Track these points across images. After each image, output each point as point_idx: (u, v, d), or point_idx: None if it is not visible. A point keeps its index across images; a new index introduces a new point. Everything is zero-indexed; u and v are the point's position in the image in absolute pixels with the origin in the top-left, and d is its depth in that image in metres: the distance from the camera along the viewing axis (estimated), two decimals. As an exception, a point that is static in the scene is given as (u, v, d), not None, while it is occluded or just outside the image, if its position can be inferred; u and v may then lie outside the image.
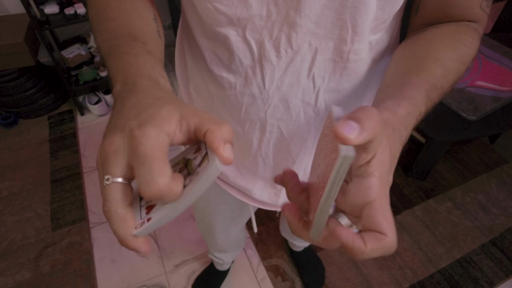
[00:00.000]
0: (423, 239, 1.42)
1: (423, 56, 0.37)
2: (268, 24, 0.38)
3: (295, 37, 0.38)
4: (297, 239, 1.18)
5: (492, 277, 1.31)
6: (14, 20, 1.76)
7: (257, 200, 0.60)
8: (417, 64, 0.36)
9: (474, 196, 1.56)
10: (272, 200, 0.60)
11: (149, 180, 0.22)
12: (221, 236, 0.91)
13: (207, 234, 0.94)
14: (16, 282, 1.32)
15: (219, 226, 0.85)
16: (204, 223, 0.87)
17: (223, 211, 0.78)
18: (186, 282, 1.32)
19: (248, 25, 0.38)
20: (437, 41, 0.38)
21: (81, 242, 1.43)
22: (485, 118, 1.29)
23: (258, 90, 0.44)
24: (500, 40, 1.60)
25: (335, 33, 0.38)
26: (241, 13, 0.37)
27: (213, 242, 0.98)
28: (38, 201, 1.58)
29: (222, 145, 0.24)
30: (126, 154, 0.24)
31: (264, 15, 0.37)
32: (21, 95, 1.82)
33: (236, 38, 0.40)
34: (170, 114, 0.25)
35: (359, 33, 0.38)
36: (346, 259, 1.37)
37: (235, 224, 0.87)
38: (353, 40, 0.39)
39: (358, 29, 0.37)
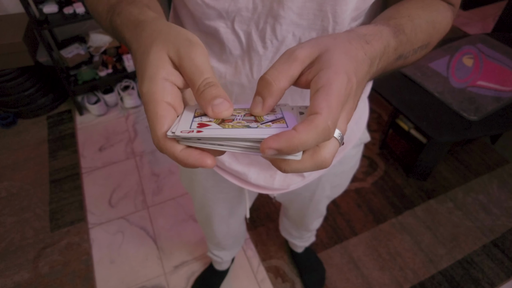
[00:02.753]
0: (424, 239, 1.41)
1: (392, 12, 0.38)
2: (255, 16, 0.40)
3: (279, 29, 0.40)
4: (297, 239, 1.17)
5: (493, 278, 1.30)
6: (13, 20, 1.76)
7: (253, 184, 0.62)
8: (387, 16, 0.37)
9: (475, 196, 1.56)
10: (268, 183, 0.60)
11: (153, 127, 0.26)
12: (220, 228, 0.91)
13: (206, 226, 0.94)
14: (15, 283, 1.31)
15: (218, 217, 0.85)
16: (202, 214, 0.87)
17: (221, 200, 0.78)
18: (185, 283, 1.31)
19: (236, 17, 0.40)
20: (408, 3, 0.39)
21: (80, 242, 1.43)
22: (486, 118, 1.28)
23: (247, 80, 0.46)
24: (501, 39, 1.59)
25: (317, 23, 0.40)
26: (229, 6, 0.39)
27: (212, 235, 0.98)
28: (37, 202, 1.57)
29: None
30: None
31: (250, 8, 0.39)
32: (20, 94, 1.81)
33: (226, 30, 0.42)
34: (158, 61, 0.27)
35: (340, 23, 0.40)
36: (346, 260, 1.36)
37: (233, 215, 0.87)
38: (335, 30, 0.41)
39: (339, 19, 0.39)
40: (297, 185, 0.63)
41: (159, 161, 1.73)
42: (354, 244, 1.41)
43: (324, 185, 0.74)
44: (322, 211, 0.90)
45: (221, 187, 0.73)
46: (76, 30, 2.02)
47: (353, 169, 0.75)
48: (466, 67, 1.45)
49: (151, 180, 1.65)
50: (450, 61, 1.49)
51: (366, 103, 0.64)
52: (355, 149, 0.68)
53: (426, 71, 1.45)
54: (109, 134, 1.87)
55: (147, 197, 1.59)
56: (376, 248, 1.39)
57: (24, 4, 1.47)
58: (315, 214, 0.90)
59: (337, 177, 0.73)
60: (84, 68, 1.87)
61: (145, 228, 1.47)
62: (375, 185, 1.60)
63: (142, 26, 0.31)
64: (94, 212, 1.54)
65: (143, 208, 1.55)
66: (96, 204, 1.57)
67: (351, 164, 0.72)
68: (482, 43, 1.56)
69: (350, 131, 0.61)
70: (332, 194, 0.81)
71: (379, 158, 1.71)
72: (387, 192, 1.58)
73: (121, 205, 1.56)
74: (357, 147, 0.69)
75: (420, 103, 1.35)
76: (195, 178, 0.74)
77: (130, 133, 1.87)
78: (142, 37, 0.29)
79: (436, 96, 1.36)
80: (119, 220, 1.51)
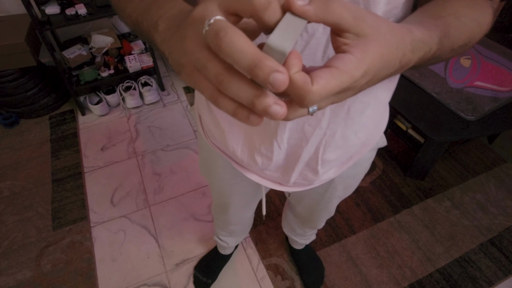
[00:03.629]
0: (422, 238, 1.43)
1: (439, 9, 0.37)
2: None
3: None
4: (299, 236, 1.18)
5: (490, 277, 1.32)
6: (15, 21, 1.77)
7: (270, 179, 0.63)
8: (434, 13, 0.36)
9: (473, 195, 1.57)
10: (285, 179, 0.61)
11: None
12: (233, 218, 0.95)
13: (220, 214, 0.97)
14: (17, 281, 1.33)
15: (233, 208, 0.88)
16: (219, 203, 0.90)
17: (238, 193, 0.80)
18: (186, 281, 1.32)
19: None
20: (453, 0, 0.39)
21: (82, 241, 1.44)
22: (483, 118, 1.30)
23: None
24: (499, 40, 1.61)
25: None
26: None
27: (223, 222, 1.01)
28: (39, 201, 1.59)
29: None
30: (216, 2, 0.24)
31: None
32: (22, 95, 1.83)
33: None
34: None
35: None
36: (345, 258, 1.38)
37: (248, 207, 0.90)
38: None
39: (371, 10, 0.38)
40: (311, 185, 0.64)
41: (160, 160, 1.74)
42: (353, 243, 1.42)
43: (336, 186, 0.74)
44: (332, 210, 0.91)
45: (238, 180, 0.74)
46: (78, 31, 2.03)
47: (365, 171, 0.75)
48: (463, 67, 1.47)
49: (152, 179, 1.67)
50: (448, 61, 1.50)
51: (387, 108, 0.63)
52: (370, 153, 0.68)
53: (424, 72, 1.46)
54: (111, 134, 1.89)
55: (148, 196, 1.60)
56: (374, 247, 1.41)
57: (26, 5, 1.48)
58: (324, 212, 0.90)
59: (350, 178, 0.74)
60: (86, 68, 1.88)
61: (146, 227, 1.49)
62: (374, 184, 1.62)
63: None
64: (96, 210, 1.55)
65: (145, 207, 1.56)
66: (98, 203, 1.58)
67: (364, 166, 0.72)
68: (479, 44, 1.57)
69: (369, 135, 0.60)
70: (343, 195, 0.81)
71: (377, 158, 1.73)
72: (385, 191, 1.60)
73: (123, 204, 1.57)
74: (373, 150, 0.69)
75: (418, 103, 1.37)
76: (214, 171, 0.76)
77: (132, 133, 1.89)
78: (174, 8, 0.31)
79: (434, 97, 1.37)
80: (121, 218, 1.52)
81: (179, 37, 0.26)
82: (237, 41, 0.21)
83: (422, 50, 0.31)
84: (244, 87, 0.23)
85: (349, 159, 0.63)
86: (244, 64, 0.21)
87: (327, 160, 0.57)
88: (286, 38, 0.22)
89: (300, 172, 0.60)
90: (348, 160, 0.64)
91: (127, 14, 0.39)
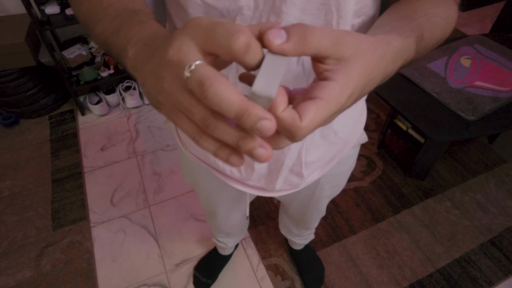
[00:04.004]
0: (422, 238, 1.43)
1: (410, 10, 0.38)
2: (256, 14, 0.39)
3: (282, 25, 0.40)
4: (296, 237, 1.19)
5: (491, 277, 1.32)
6: (15, 21, 1.77)
7: (254, 186, 0.63)
8: (406, 15, 0.37)
9: (473, 195, 1.57)
10: (269, 187, 0.62)
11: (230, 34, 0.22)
12: (223, 221, 0.95)
13: (211, 219, 0.98)
14: (17, 281, 1.33)
15: (222, 213, 0.89)
16: (207, 209, 0.91)
17: (224, 200, 0.81)
18: (186, 281, 1.32)
19: (237, 16, 0.39)
20: (421, 0, 0.39)
21: (82, 241, 1.44)
22: (484, 118, 1.30)
23: None
24: (499, 40, 1.61)
25: (321, 18, 0.39)
26: (230, 5, 0.38)
27: (216, 227, 1.03)
28: (39, 201, 1.58)
29: None
30: (191, 46, 0.23)
31: (251, 6, 0.38)
32: (22, 95, 1.83)
33: None
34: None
35: (343, 16, 0.39)
36: (345, 258, 1.38)
37: (236, 210, 0.90)
38: (338, 24, 0.40)
39: (342, 12, 0.39)
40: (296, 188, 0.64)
41: (160, 160, 1.74)
42: (353, 243, 1.42)
43: (323, 185, 0.75)
44: (322, 210, 0.92)
45: (224, 188, 0.74)
46: (78, 31, 2.03)
47: (350, 169, 0.77)
48: (464, 67, 1.47)
49: (152, 179, 1.67)
50: (448, 61, 1.50)
51: (364, 105, 0.64)
52: (353, 150, 0.70)
53: (424, 72, 1.46)
54: (111, 134, 1.89)
55: (148, 196, 1.60)
56: (374, 247, 1.41)
57: (26, 5, 1.48)
58: (315, 213, 0.91)
59: (336, 177, 0.75)
60: (86, 68, 1.88)
61: (146, 227, 1.49)
62: (374, 185, 1.62)
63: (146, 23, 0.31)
64: (96, 211, 1.55)
65: (145, 207, 1.56)
66: (98, 203, 1.58)
67: (349, 164, 0.74)
68: (480, 44, 1.57)
69: (349, 133, 0.62)
70: (332, 194, 0.82)
71: (378, 158, 1.73)
72: (386, 191, 1.59)
73: (122, 204, 1.57)
74: (355, 147, 0.70)
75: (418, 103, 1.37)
76: (199, 181, 0.76)
77: (131, 133, 1.89)
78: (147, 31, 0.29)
79: (434, 96, 1.37)
80: (121, 218, 1.52)
81: (154, 74, 0.25)
82: (222, 91, 0.21)
83: (402, 59, 0.32)
84: (230, 130, 0.23)
85: (332, 158, 0.64)
86: (231, 114, 0.21)
87: (310, 162, 0.58)
88: (270, 82, 0.22)
89: (285, 179, 0.60)
90: (332, 160, 0.64)
91: (96, 34, 0.37)
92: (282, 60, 0.23)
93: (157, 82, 0.25)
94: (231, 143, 0.23)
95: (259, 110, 0.21)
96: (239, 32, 0.22)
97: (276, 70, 0.23)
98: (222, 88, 0.21)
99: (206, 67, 0.22)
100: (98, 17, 0.37)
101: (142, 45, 0.29)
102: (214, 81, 0.21)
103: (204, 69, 0.22)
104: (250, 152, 0.23)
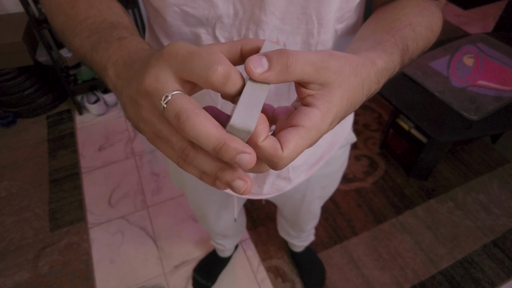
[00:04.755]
0: (425, 239, 1.41)
1: (394, 19, 0.37)
2: (236, 22, 0.39)
3: (262, 34, 0.39)
4: (295, 239, 1.18)
5: (493, 278, 1.30)
6: (13, 19, 1.75)
7: None
8: (390, 25, 0.37)
9: (476, 196, 1.55)
10: (256, 191, 0.62)
11: (208, 65, 0.21)
12: (216, 224, 0.95)
13: (203, 223, 0.98)
14: (15, 283, 1.31)
15: (213, 215, 0.88)
16: (198, 213, 0.91)
17: (213, 202, 0.81)
18: (185, 283, 1.31)
19: (217, 24, 0.39)
20: (406, 8, 0.39)
21: (79, 242, 1.43)
22: (486, 118, 1.28)
23: None
24: (502, 39, 1.59)
25: (301, 27, 0.39)
26: (208, 13, 0.38)
27: (210, 229, 1.02)
28: (36, 201, 1.57)
29: None
30: (169, 75, 0.23)
31: (231, 14, 0.38)
32: (19, 94, 1.81)
33: (206, 36, 0.41)
34: None
35: (325, 25, 0.39)
36: (347, 260, 1.36)
37: (226, 212, 0.90)
38: (320, 32, 0.40)
39: (323, 21, 0.38)
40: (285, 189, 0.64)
41: (158, 160, 1.72)
42: (354, 244, 1.41)
43: (313, 187, 0.75)
44: (316, 212, 0.91)
45: (211, 191, 0.74)
46: (76, 29, 2.01)
47: (341, 169, 0.76)
48: (466, 66, 1.45)
49: (150, 179, 1.65)
50: (451, 60, 1.48)
51: None
52: (341, 150, 0.69)
53: (427, 71, 1.45)
54: (109, 133, 1.87)
55: (146, 197, 1.58)
56: (376, 248, 1.39)
57: (24, 4, 1.46)
58: (308, 215, 0.91)
59: (326, 177, 0.74)
60: (83, 67, 1.86)
61: (144, 228, 1.47)
62: (376, 185, 1.60)
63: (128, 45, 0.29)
64: (93, 211, 1.53)
65: (143, 208, 1.54)
66: (95, 203, 1.56)
67: (338, 164, 0.73)
68: (482, 43, 1.56)
69: (335, 133, 0.61)
70: (323, 195, 0.82)
71: (380, 158, 1.71)
72: (388, 192, 1.58)
73: (120, 205, 1.56)
74: (343, 147, 0.70)
75: (421, 103, 1.35)
76: (186, 183, 0.76)
77: (129, 132, 1.87)
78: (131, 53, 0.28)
79: (437, 96, 1.35)
80: (119, 220, 1.50)
81: (133, 101, 0.25)
82: (199, 125, 0.21)
83: (386, 76, 0.32)
84: (208, 160, 0.23)
85: (319, 159, 0.64)
86: (209, 147, 0.21)
87: (297, 166, 0.58)
88: (249, 115, 0.22)
89: (272, 184, 0.60)
90: (318, 161, 0.64)
91: (74, 48, 0.36)
92: (263, 89, 0.23)
93: (136, 110, 0.25)
94: (210, 173, 0.23)
95: (237, 144, 0.21)
96: (217, 64, 0.21)
97: (256, 100, 0.23)
98: (199, 122, 0.21)
99: (182, 98, 0.22)
100: (75, 30, 0.35)
101: (122, 65, 0.28)
102: (190, 114, 0.21)
103: (181, 100, 0.21)
104: (229, 184, 0.23)
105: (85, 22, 0.35)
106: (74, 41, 0.35)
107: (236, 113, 0.22)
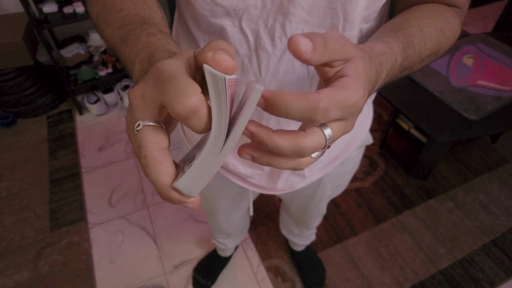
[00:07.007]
0: (424, 239, 1.41)
1: (402, 21, 0.38)
2: (263, 13, 0.39)
3: (289, 26, 0.39)
4: (297, 237, 1.18)
5: (493, 278, 1.30)
6: (13, 19, 1.75)
7: (256, 184, 0.63)
8: (396, 26, 0.38)
9: (476, 196, 1.55)
10: (270, 186, 0.62)
11: (178, 95, 0.21)
12: (224, 220, 0.95)
13: (211, 218, 0.97)
14: (15, 283, 1.31)
15: (222, 211, 0.88)
16: (207, 207, 0.90)
17: (225, 197, 0.80)
18: (185, 283, 1.31)
19: (244, 15, 0.39)
20: (416, 11, 0.40)
21: (80, 242, 1.43)
22: (486, 118, 1.28)
23: (254, 78, 0.45)
24: (502, 39, 1.59)
25: (327, 21, 0.39)
26: (237, 4, 0.38)
27: (216, 226, 1.02)
28: (36, 201, 1.57)
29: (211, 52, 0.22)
30: (153, 94, 0.23)
31: (259, 5, 0.38)
32: (19, 94, 1.81)
33: (233, 28, 0.41)
34: None
35: (350, 21, 0.39)
36: (347, 260, 1.36)
37: (236, 209, 0.90)
38: (344, 28, 0.40)
39: (349, 17, 0.39)
40: (298, 186, 0.63)
41: (159, 160, 1.73)
42: (354, 244, 1.41)
43: (325, 185, 0.75)
44: (323, 210, 0.92)
45: (225, 184, 0.74)
46: (76, 29, 2.01)
47: (353, 169, 0.76)
48: (466, 66, 1.45)
49: (151, 179, 1.65)
50: (450, 60, 1.49)
51: (371, 106, 0.64)
52: (357, 151, 0.69)
53: (426, 71, 1.45)
54: (109, 133, 1.87)
55: (147, 196, 1.58)
56: (376, 248, 1.39)
57: (24, 4, 1.46)
58: (316, 212, 0.91)
59: (339, 177, 0.74)
60: (84, 67, 1.86)
61: (145, 228, 1.47)
62: (375, 185, 1.60)
63: None
64: (94, 211, 1.54)
65: (143, 207, 1.55)
66: (96, 203, 1.57)
67: (352, 165, 0.73)
68: (482, 43, 1.56)
69: (354, 134, 0.61)
70: (333, 194, 0.82)
71: (379, 158, 1.71)
72: (387, 191, 1.58)
73: (121, 204, 1.56)
74: (359, 149, 0.70)
75: (420, 103, 1.35)
76: None
77: (130, 132, 1.87)
78: None
79: (436, 96, 1.35)
80: (119, 219, 1.51)
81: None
82: (152, 168, 0.23)
83: (389, 61, 0.32)
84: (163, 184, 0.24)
85: (335, 158, 0.64)
86: (156, 190, 0.24)
87: None
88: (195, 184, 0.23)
89: (286, 180, 0.60)
90: (334, 160, 0.64)
91: (105, 37, 0.37)
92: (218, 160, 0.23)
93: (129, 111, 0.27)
94: None
95: (179, 197, 0.23)
96: (186, 96, 0.21)
97: (208, 168, 0.23)
98: (152, 165, 0.23)
99: (150, 135, 0.23)
100: (109, 20, 0.37)
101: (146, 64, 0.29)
102: (149, 154, 0.23)
103: (147, 137, 0.23)
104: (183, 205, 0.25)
105: (118, 14, 0.36)
106: (106, 30, 0.36)
107: (184, 178, 0.23)
